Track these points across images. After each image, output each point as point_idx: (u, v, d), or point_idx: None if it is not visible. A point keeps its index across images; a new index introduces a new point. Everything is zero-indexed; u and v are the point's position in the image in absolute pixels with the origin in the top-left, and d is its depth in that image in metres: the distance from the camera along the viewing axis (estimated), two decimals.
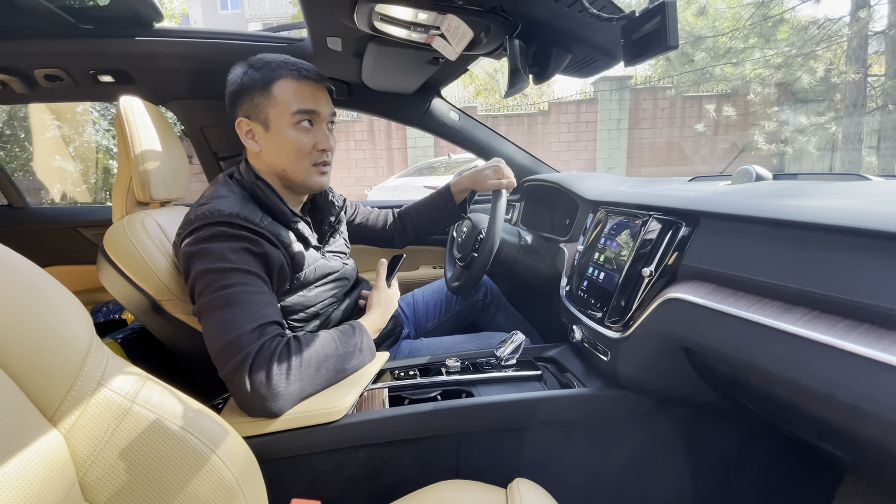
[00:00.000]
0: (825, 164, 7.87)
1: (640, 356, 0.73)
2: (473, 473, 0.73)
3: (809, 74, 6.62)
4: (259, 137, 0.85)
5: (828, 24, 6.54)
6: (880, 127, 6.27)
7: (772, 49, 7.09)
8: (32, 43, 1.07)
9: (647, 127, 8.98)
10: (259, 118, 0.83)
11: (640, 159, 9.07)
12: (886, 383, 0.41)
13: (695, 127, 8.45)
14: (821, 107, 7.02)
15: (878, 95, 6.27)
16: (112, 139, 5.99)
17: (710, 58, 7.67)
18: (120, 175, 0.96)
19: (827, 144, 7.07)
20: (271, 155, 0.85)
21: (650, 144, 9.03)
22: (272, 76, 0.82)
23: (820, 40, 6.59)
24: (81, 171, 5.74)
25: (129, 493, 0.48)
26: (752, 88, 7.48)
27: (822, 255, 0.50)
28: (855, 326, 0.45)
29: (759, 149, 7.31)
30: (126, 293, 0.87)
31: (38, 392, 0.43)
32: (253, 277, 0.76)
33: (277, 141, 0.84)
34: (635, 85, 8.93)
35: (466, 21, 0.73)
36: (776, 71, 7.05)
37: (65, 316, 0.47)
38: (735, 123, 8.17)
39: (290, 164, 0.85)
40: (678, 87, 8.51)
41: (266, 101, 0.82)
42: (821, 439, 0.56)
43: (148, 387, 0.53)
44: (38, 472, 0.40)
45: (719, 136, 8.63)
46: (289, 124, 0.83)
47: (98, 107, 5.75)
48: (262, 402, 0.68)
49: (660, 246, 0.71)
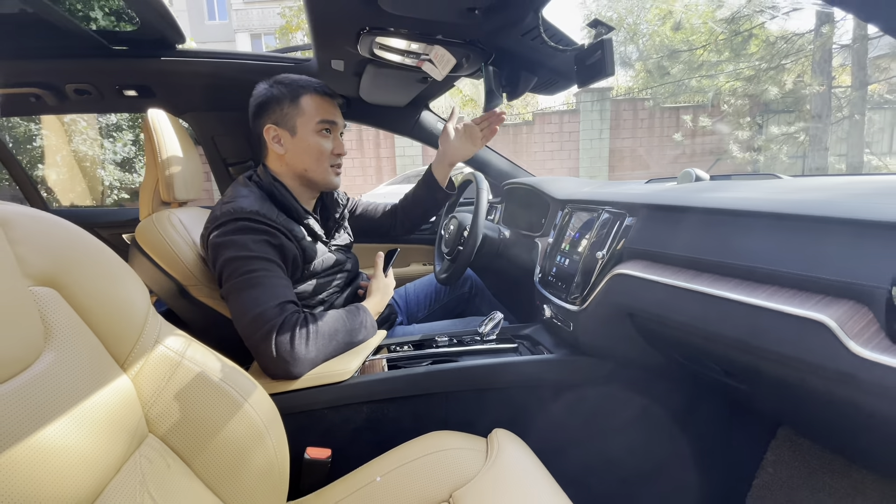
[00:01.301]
0: (796, 170, 8.21)
1: (595, 324, 0.88)
2: (460, 426, 0.85)
3: (778, 86, 6.95)
4: (285, 142, 0.99)
5: (794, 39, 6.88)
6: (847, 135, 6.58)
7: (743, 62, 7.42)
8: (68, 62, 1.20)
9: (627, 136, 9.26)
10: (287, 125, 0.98)
11: (621, 167, 9.34)
12: (759, 320, 0.56)
13: (672, 136, 8.76)
14: (790, 117, 7.36)
15: (845, 105, 6.59)
16: (99, 148, 6.04)
17: (686, 70, 7.99)
18: (147, 178, 1.08)
19: (797, 152, 7.41)
20: (296, 157, 1.00)
21: (630, 153, 9.32)
22: (299, 91, 0.97)
23: (787, 54, 6.91)
24: (67, 179, 5.75)
25: (181, 427, 0.59)
26: (726, 100, 7.80)
27: (721, 232, 0.65)
28: (740, 283, 0.61)
29: (734, 157, 7.62)
30: (157, 279, 0.99)
31: (113, 344, 0.55)
32: (272, 265, 0.88)
33: (302, 145, 0.99)
34: (616, 96, 9.22)
35: (450, 50, 0.89)
36: (748, 83, 7.37)
37: (129, 284, 0.60)
38: (710, 133, 8.48)
39: (312, 164, 1.01)
40: (656, 99, 8.85)
41: (294, 111, 0.97)
42: (727, 376, 0.72)
43: (193, 347, 0.66)
44: (114, 405, 0.52)
45: (696, 145, 8.94)
46: (313, 131, 0.99)
47: (86, 117, 5.79)
48: (285, 366, 0.81)
49: (610, 233, 0.87)
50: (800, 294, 0.54)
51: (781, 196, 0.63)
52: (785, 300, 0.54)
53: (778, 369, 0.58)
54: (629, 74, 10.39)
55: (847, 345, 0.47)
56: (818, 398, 0.58)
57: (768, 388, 0.68)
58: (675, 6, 8.60)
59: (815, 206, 0.55)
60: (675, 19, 8.23)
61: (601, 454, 0.99)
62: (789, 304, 0.53)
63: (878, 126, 7.89)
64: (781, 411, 0.82)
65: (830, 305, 0.50)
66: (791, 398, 0.66)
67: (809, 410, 0.67)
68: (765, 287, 0.58)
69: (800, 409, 0.70)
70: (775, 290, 0.56)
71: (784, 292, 0.55)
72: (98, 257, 0.57)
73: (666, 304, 0.69)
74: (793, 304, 0.53)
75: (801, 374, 0.55)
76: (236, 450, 0.63)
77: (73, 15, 1.06)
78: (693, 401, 1.01)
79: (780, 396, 0.69)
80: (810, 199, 0.57)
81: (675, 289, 0.68)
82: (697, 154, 8.86)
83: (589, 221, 0.98)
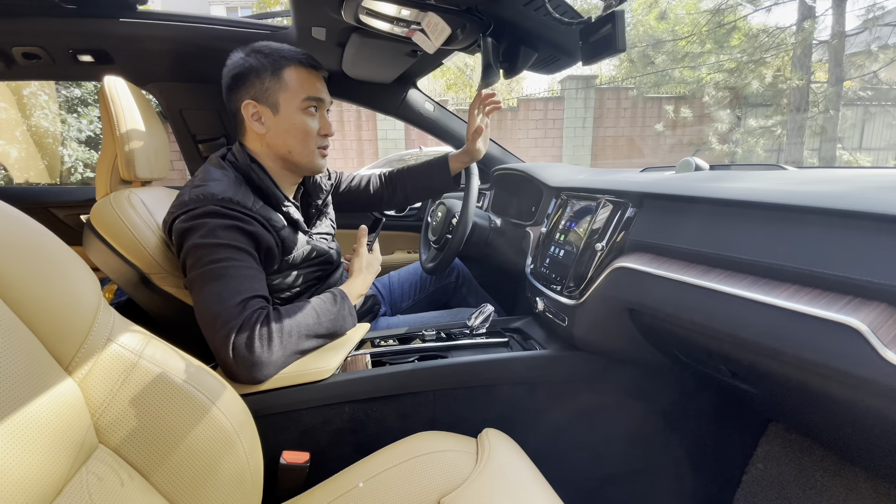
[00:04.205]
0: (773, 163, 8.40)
1: (592, 319, 0.84)
2: (448, 426, 0.81)
3: (759, 80, 7.05)
4: (266, 120, 0.89)
5: (776, 33, 6.97)
6: (821, 130, 6.74)
7: (726, 54, 7.49)
8: (12, 21, 1.06)
9: (610, 125, 9.30)
10: (268, 101, 0.88)
11: (604, 156, 9.39)
12: (779, 321, 0.52)
13: (655, 126, 8.83)
14: (768, 111, 7.49)
15: (821, 101, 6.74)
16: (61, 123, 5.69)
17: (669, 61, 8.03)
18: (104, 153, 0.98)
19: (774, 145, 7.57)
20: (278, 137, 0.90)
21: (613, 142, 9.37)
22: (282, 62, 0.87)
23: (769, 48, 7.01)
24: (28, 156, 5.43)
25: (138, 437, 0.53)
26: (707, 91, 7.88)
27: (733, 225, 0.61)
28: (756, 280, 0.57)
29: (712, 148, 7.73)
30: (115, 266, 0.90)
31: (55, 344, 0.48)
32: (241, 253, 0.80)
33: (286, 124, 0.89)
34: (600, 84, 9.21)
35: (445, 18, 0.81)
36: (729, 76, 7.46)
37: (76, 275, 0.52)
38: (691, 124, 8.59)
39: (297, 146, 0.91)
40: (640, 88, 8.88)
41: (277, 86, 0.87)
42: (735, 377, 0.68)
43: (152, 344, 0.58)
44: (56, 414, 0.45)
45: (677, 135, 9.05)
46: (298, 109, 0.88)
47: (47, 89, 5.44)
48: (245, 371, 0.73)
49: (610, 224, 0.82)
50: (824, 294, 0.50)
51: (799, 188, 0.59)
52: (809, 301, 0.50)
53: (795, 373, 0.54)
54: (613, 63, 10.39)
55: (881, 352, 0.43)
56: (833, 403, 0.54)
57: (778, 390, 0.65)
58: None
59: (843, 200, 0.51)
60: (660, 8, 8.23)
61: (592, 451, 0.96)
62: (814, 306, 0.49)
63: (850, 122, 8.11)
64: (782, 411, 0.80)
65: (860, 308, 0.46)
66: (799, 400, 0.63)
67: (816, 412, 0.64)
68: (785, 286, 0.53)
69: (804, 410, 0.67)
70: (796, 289, 0.52)
71: (807, 292, 0.51)
72: (36, 242, 0.49)
73: (673, 301, 0.65)
74: (818, 306, 0.49)
75: (822, 380, 0.51)
76: (203, 459, 0.57)
77: None
78: (684, 396, 0.99)
79: (787, 398, 0.66)
80: (836, 192, 0.53)
81: (684, 285, 0.63)
82: (679, 144, 8.97)
83: (585, 210, 0.93)
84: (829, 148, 6.69)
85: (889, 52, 6.15)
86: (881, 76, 6.47)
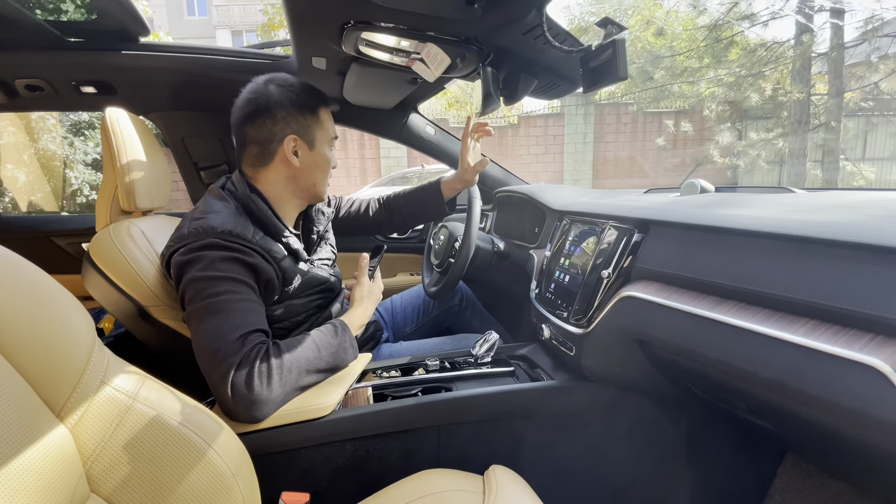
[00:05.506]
0: (773, 177, 8.40)
1: (601, 349, 0.81)
2: (453, 462, 0.78)
3: (758, 93, 7.08)
4: (302, 154, 0.92)
5: (774, 47, 7.02)
6: (823, 142, 6.73)
7: (724, 69, 7.54)
8: (16, 54, 1.08)
9: (610, 141, 9.35)
10: (307, 138, 0.92)
11: (605, 171, 9.42)
12: (799, 360, 0.49)
13: (655, 141, 8.86)
14: (769, 123, 7.50)
15: (822, 113, 6.74)
16: (68, 147, 5.78)
17: (668, 76, 8.09)
18: (105, 184, 0.97)
19: (776, 158, 7.56)
20: (307, 172, 0.94)
21: (614, 157, 9.41)
22: (318, 103, 0.93)
23: (767, 61, 7.05)
24: (35, 181, 5.49)
25: (132, 484, 0.51)
26: (707, 105, 7.92)
27: (747, 255, 0.59)
28: (771, 314, 0.54)
29: (714, 162, 7.73)
30: (113, 299, 0.88)
31: (46, 389, 0.46)
32: (241, 285, 0.78)
33: (318, 160, 0.94)
34: (600, 100, 9.29)
35: (444, 49, 0.81)
36: (728, 89, 7.50)
37: (69, 316, 0.50)
38: (692, 138, 8.62)
39: (321, 178, 0.97)
40: (640, 104, 8.94)
41: (315, 124, 0.92)
42: (751, 413, 0.65)
43: (147, 385, 0.56)
44: (48, 462, 0.43)
45: (678, 149, 9.08)
46: (327, 145, 0.95)
47: (54, 112, 5.54)
48: (245, 409, 0.71)
49: (616, 250, 0.80)
50: (844, 331, 0.47)
51: (812, 217, 0.57)
52: (828, 338, 0.47)
53: (815, 413, 0.52)
54: None
55: None
56: (852, 443, 0.52)
57: (796, 425, 0.62)
58: (656, 14, 8.71)
59: (862, 232, 0.49)
60: (657, 25, 8.33)
61: (604, 486, 0.92)
62: (834, 344, 0.46)
63: (852, 133, 8.11)
64: (800, 445, 0.77)
65: (883, 347, 0.44)
66: (819, 438, 0.60)
67: (834, 449, 0.61)
68: (802, 320, 0.51)
69: (823, 446, 0.64)
70: (815, 324, 0.50)
71: (825, 328, 0.49)
72: (26, 283, 0.47)
73: (684, 334, 0.63)
74: (838, 344, 0.46)
75: (840, 420, 0.49)
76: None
77: (40, 7, 0.94)
78: (699, 428, 0.95)
79: (807, 434, 0.63)
80: (853, 223, 0.51)
81: (696, 317, 0.61)
82: (681, 159, 8.99)
83: (590, 234, 0.92)
84: (831, 160, 6.67)
85: (889, 63, 6.16)
86: (882, 87, 6.47)
